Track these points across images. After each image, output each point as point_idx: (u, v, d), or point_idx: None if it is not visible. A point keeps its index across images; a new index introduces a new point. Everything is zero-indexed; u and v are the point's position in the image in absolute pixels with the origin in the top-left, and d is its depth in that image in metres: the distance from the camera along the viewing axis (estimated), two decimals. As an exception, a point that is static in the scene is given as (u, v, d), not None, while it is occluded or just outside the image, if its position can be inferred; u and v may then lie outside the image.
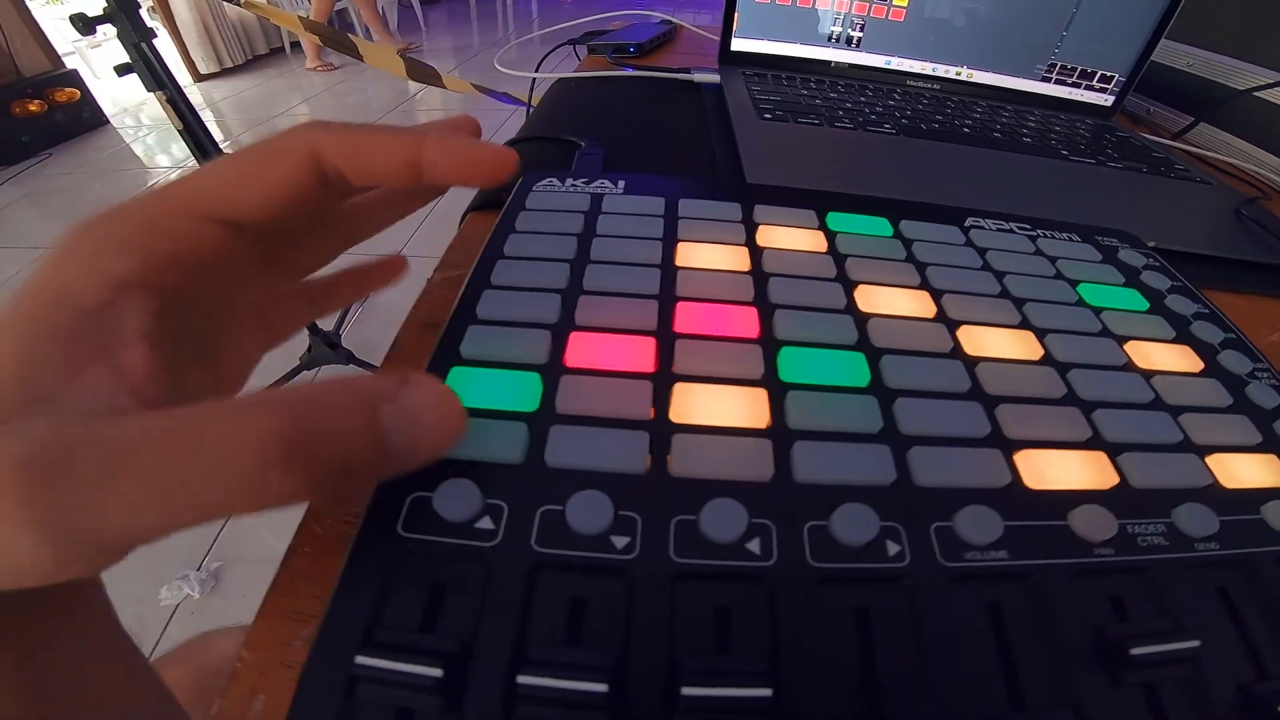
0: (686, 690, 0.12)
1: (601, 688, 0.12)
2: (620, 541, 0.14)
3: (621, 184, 0.27)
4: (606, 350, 0.19)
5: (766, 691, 0.12)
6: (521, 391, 0.17)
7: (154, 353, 0.14)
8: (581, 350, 0.19)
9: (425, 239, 1.84)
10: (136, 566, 1.05)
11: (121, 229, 0.14)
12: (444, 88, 0.51)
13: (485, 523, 0.15)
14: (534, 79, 0.61)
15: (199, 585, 1.02)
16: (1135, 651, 0.14)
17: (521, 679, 0.12)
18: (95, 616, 0.18)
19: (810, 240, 0.25)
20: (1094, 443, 0.19)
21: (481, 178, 0.18)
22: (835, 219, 0.27)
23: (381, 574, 0.14)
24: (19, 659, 0.14)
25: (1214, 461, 0.19)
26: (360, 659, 0.12)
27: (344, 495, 0.15)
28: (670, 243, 0.24)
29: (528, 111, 0.52)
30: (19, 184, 2.39)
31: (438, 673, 0.12)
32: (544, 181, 0.27)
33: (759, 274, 0.23)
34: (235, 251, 0.16)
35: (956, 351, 0.21)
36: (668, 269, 0.22)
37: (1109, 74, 0.56)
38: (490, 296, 0.20)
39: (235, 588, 1.04)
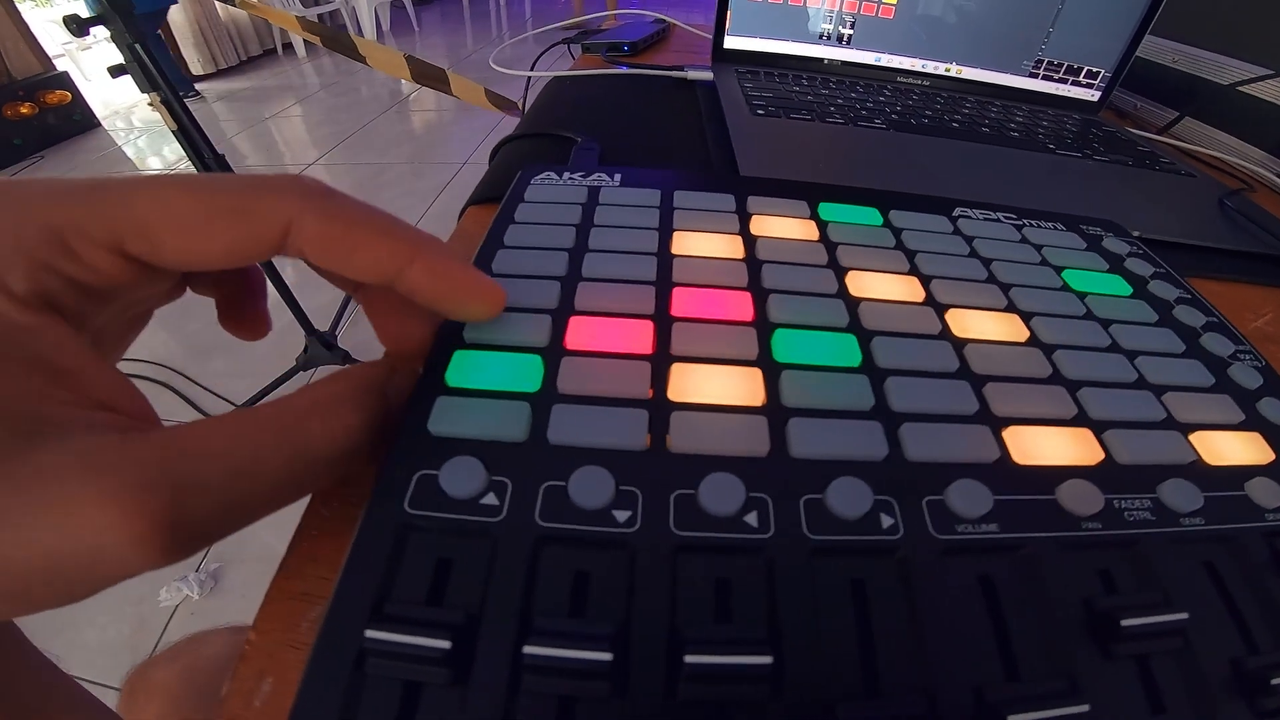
0: (690, 658, 0.12)
1: (606, 656, 0.12)
2: (622, 515, 0.15)
3: (618, 177, 0.28)
4: (605, 333, 0.19)
5: (767, 659, 0.13)
6: (524, 373, 0.18)
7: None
8: (581, 334, 0.19)
9: (433, 223, 1.85)
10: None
11: (24, 231, 0.12)
12: (450, 93, 0.51)
13: (490, 499, 0.15)
14: (529, 78, 0.61)
15: (198, 586, 1.02)
16: (1126, 623, 0.14)
17: (528, 649, 0.12)
18: (17, 646, 0.19)
19: (802, 229, 0.26)
20: (1079, 420, 0.19)
21: (461, 310, 0.17)
22: (826, 209, 0.27)
23: (389, 550, 0.14)
24: None
25: (1197, 439, 0.19)
26: (370, 633, 0.12)
27: None
28: (666, 232, 0.24)
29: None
30: (10, 188, 2.39)
31: (446, 645, 0.12)
32: (542, 175, 0.28)
33: (753, 261, 0.23)
34: (146, 283, 0.15)
35: (945, 333, 0.21)
36: (664, 257, 0.23)
37: (1095, 70, 0.57)
38: None
39: (235, 588, 1.04)
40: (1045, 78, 0.58)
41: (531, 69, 0.61)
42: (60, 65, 2.83)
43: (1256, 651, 0.15)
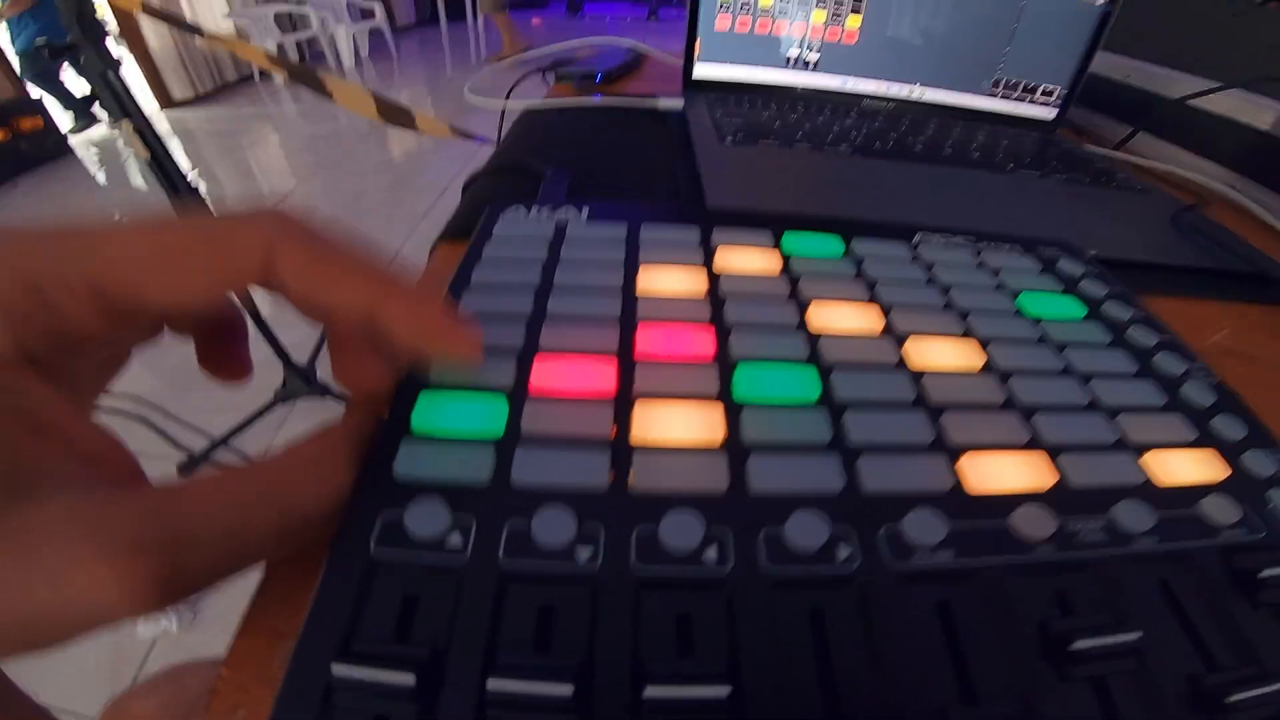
0: (650, 692, 0.13)
1: (567, 689, 0.13)
2: (584, 553, 0.15)
3: (585, 211, 0.28)
4: (570, 373, 0.20)
5: (725, 690, 0.13)
6: (488, 416, 0.18)
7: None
8: (546, 374, 0.19)
9: (414, 252, 1.83)
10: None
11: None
12: (418, 130, 0.52)
13: (455, 539, 0.15)
14: (504, 109, 0.62)
15: (177, 619, 1.00)
16: (1080, 645, 0.14)
17: (491, 684, 0.13)
18: None
19: (766, 261, 0.26)
20: (1033, 445, 0.20)
21: (436, 355, 0.17)
22: (790, 240, 0.28)
23: (356, 588, 0.14)
24: None
25: (1150, 459, 0.20)
26: (337, 668, 0.13)
27: None
28: (631, 268, 0.25)
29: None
30: (-19, 215, 2.35)
31: (411, 680, 0.13)
32: (510, 210, 0.28)
33: (716, 297, 0.24)
34: (124, 328, 0.15)
35: (902, 364, 0.22)
36: (629, 293, 0.23)
37: (1051, 88, 0.59)
38: None
39: (215, 620, 1.02)
40: (1004, 97, 0.60)
41: (506, 98, 0.62)
42: (34, 90, 2.80)
43: (1214, 668, 0.15)
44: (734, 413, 0.19)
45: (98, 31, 0.91)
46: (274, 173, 2.71)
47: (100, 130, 3.05)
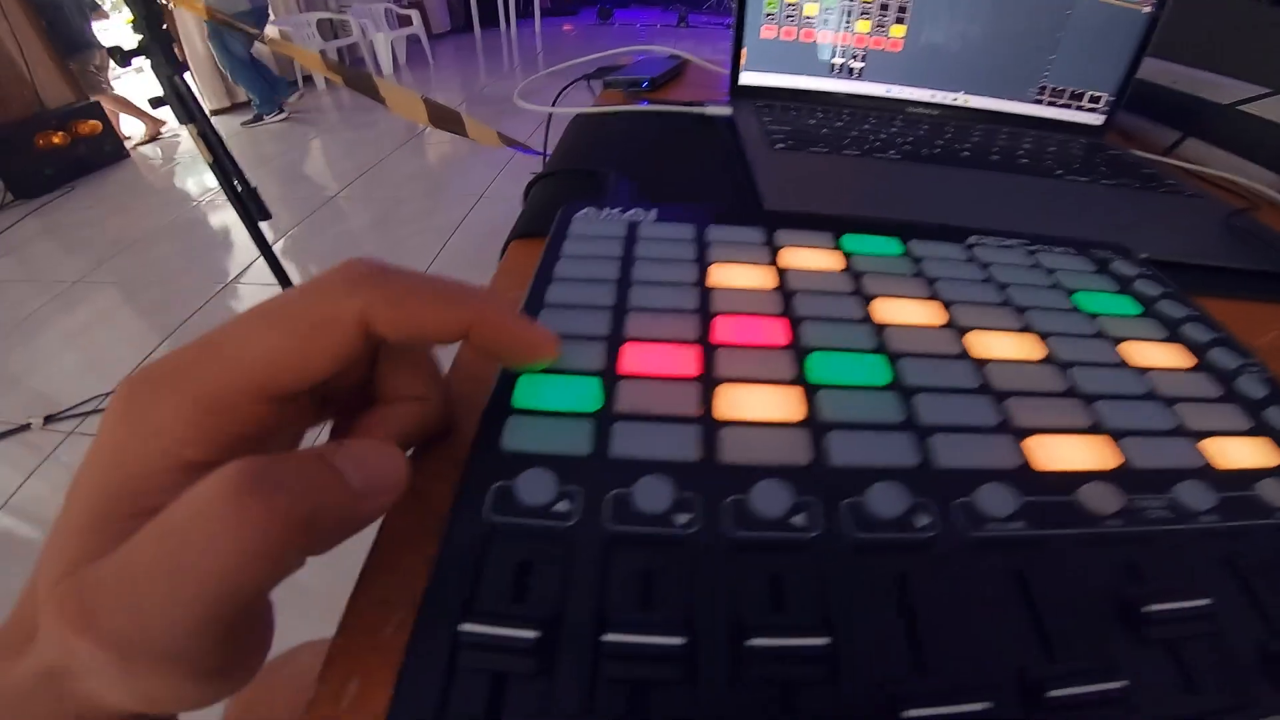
0: (753, 642, 0.14)
1: (678, 641, 0.14)
2: (682, 519, 0.17)
3: (654, 212, 0.30)
4: (655, 358, 0.21)
5: (824, 640, 0.14)
6: (584, 394, 0.20)
7: None
8: (633, 359, 0.21)
9: (449, 259, 1.86)
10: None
11: (183, 410, 0.14)
12: (466, 135, 0.54)
13: (562, 506, 0.17)
14: (550, 114, 0.64)
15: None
16: (1152, 609, 0.15)
17: (607, 638, 0.14)
18: None
19: (828, 260, 0.28)
20: (1095, 430, 0.21)
21: (521, 361, 0.20)
22: (849, 240, 0.29)
23: (474, 553, 0.16)
24: None
25: (1208, 445, 0.21)
26: (463, 627, 0.14)
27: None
28: (703, 264, 0.26)
29: (543, 158, 0.54)
30: (41, 217, 2.44)
31: (533, 634, 0.14)
32: (583, 211, 0.30)
33: (784, 291, 0.25)
34: (291, 414, 0.17)
35: (965, 354, 0.23)
36: (703, 288, 0.25)
37: (1097, 94, 0.59)
38: (547, 315, 0.23)
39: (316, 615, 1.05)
40: (1050, 104, 0.60)
41: (553, 104, 0.64)
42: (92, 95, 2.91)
43: (1278, 636, 0.16)
44: (811, 393, 0.20)
45: (166, 37, 0.96)
46: (315, 178, 2.79)
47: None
